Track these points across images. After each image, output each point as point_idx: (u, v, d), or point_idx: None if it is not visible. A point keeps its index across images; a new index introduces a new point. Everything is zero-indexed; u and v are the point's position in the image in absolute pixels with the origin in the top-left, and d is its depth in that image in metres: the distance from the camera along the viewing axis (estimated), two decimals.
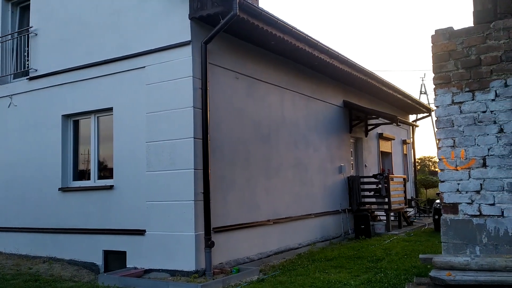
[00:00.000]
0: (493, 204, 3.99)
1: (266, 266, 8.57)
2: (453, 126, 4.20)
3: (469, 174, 4.10)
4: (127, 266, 8.08)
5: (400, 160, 18.24)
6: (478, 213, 4.03)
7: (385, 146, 16.55)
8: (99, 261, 8.52)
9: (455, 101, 4.21)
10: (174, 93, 7.87)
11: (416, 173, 20.11)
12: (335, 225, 12.16)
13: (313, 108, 11.70)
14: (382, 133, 15.97)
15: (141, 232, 8.03)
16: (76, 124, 9.53)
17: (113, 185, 8.55)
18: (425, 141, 65.86)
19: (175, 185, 7.72)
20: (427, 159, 46.16)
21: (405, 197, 14.51)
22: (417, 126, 17.04)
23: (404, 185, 14.67)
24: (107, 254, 8.53)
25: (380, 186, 13.03)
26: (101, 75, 8.86)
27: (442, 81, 4.28)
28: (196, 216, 7.53)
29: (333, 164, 12.45)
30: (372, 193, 13.31)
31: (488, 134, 4.04)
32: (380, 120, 14.67)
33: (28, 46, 10.20)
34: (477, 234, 4.04)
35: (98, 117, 9.15)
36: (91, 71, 8.99)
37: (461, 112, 4.17)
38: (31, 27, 10.06)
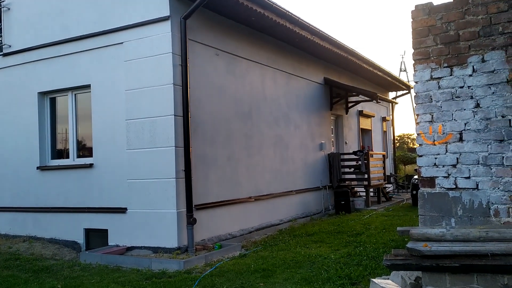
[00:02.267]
0: (468, 178, 4.09)
1: (248, 242, 8.67)
2: (431, 102, 4.25)
3: (446, 148, 4.18)
4: (109, 244, 8.07)
5: (380, 137, 18.48)
6: (454, 186, 4.13)
7: (365, 123, 16.71)
8: (80, 239, 8.49)
9: (433, 76, 4.25)
10: (153, 69, 7.76)
11: (395, 149, 20.43)
12: (315, 201, 12.33)
13: (294, 85, 11.69)
14: (362, 111, 16.11)
15: (122, 210, 8.01)
16: (53, 102, 9.34)
17: (92, 164, 8.46)
18: (404, 118, 66.72)
19: (156, 163, 7.68)
20: (406, 136, 46.85)
21: (384, 173, 14.76)
22: (396, 103, 17.25)
23: (383, 162, 14.90)
24: (88, 232, 8.50)
25: (360, 162, 13.20)
26: (78, 51, 8.66)
27: (421, 56, 4.31)
28: (178, 193, 7.53)
29: (313, 142, 12.54)
30: (352, 169, 13.49)
31: (465, 109, 4.11)
32: (360, 98, 14.77)
33: (0, 21, 9.87)
34: (452, 206, 4.15)
35: (75, 94, 8.98)
36: (67, 47, 8.78)
37: (439, 87, 4.22)
38: (3, 1, 9.73)
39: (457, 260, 3.76)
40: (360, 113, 16.10)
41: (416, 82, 4.36)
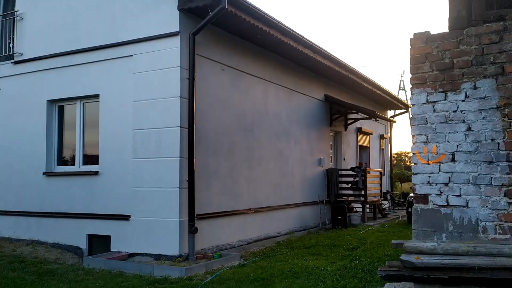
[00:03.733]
0: (459, 196, 4.36)
1: (247, 253, 8.89)
2: (427, 124, 4.54)
3: (439, 167, 4.46)
4: (111, 250, 8.28)
5: (377, 154, 18.78)
6: (446, 204, 4.40)
7: (363, 140, 17.02)
8: (83, 244, 8.70)
9: (429, 100, 4.55)
10: (161, 82, 8.06)
11: (392, 167, 20.72)
12: (313, 215, 12.57)
13: (295, 101, 12.01)
14: (361, 128, 16.43)
15: (125, 217, 8.23)
16: (61, 110, 9.62)
17: (98, 171, 8.71)
18: (402, 136, 67.10)
19: (161, 172, 7.94)
20: (403, 154, 47.18)
21: (380, 190, 15.02)
22: (394, 121, 17.58)
23: (380, 179, 15.18)
24: (91, 238, 8.71)
25: (357, 179, 13.48)
26: (88, 61, 8.97)
27: (418, 81, 4.62)
28: (181, 203, 7.77)
29: (313, 157, 12.82)
30: (349, 185, 13.76)
31: (457, 132, 4.39)
32: (360, 115, 15.10)
33: (13, 30, 10.19)
34: (444, 222, 4.41)
35: (84, 103, 9.26)
36: (78, 57, 9.09)
37: (434, 110, 4.52)
38: (17, 11, 10.05)
39: (447, 272, 4.02)
40: (359, 130, 16.42)
41: (413, 105, 4.65)
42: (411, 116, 4.65)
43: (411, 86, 4.69)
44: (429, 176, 4.51)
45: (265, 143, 10.48)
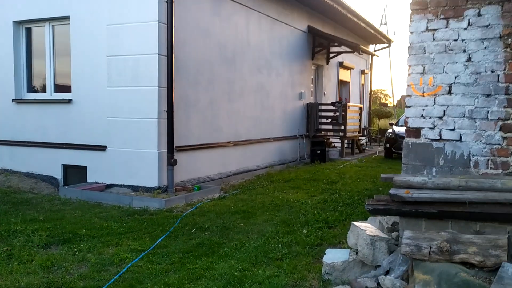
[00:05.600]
0: (453, 130, 4.23)
1: (226, 185, 8.82)
2: (425, 53, 4.29)
3: (434, 100, 4.28)
4: (88, 181, 8.06)
5: (358, 90, 18.64)
6: (439, 138, 4.27)
7: (344, 75, 16.77)
8: (58, 175, 8.43)
9: (429, 28, 4.27)
10: (138, 4, 7.47)
11: (371, 103, 20.70)
12: (292, 149, 12.52)
13: (278, 32, 11.52)
14: (342, 62, 16.11)
15: (102, 148, 7.95)
16: (29, 32, 8.93)
17: (71, 99, 8.27)
18: (379, 73, 67.12)
19: (138, 102, 7.57)
20: (380, 91, 47.42)
21: (360, 126, 15.02)
22: (377, 56, 17.30)
23: (360, 114, 15.13)
24: (67, 168, 8.44)
25: (337, 114, 13.36)
26: None
27: (419, 6, 4.30)
28: (159, 134, 7.50)
29: (294, 90, 12.55)
30: (329, 120, 13.65)
31: (456, 63, 4.17)
32: (342, 49, 14.71)
33: None
34: (435, 156, 4.31)
35: (53, 25, 8.59)
36: None
37: (434, 39, 4.26)
38: None
39: (435, 206, 3.96)
40: (341, 65, 16.10)
41: (411, 33, 4.37)
42: (408, 44, 4.37)
43: (410, 12, 4.37)
44: (423, 110, 4.34)
45: (246, 75, 10.12)
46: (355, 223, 4.45)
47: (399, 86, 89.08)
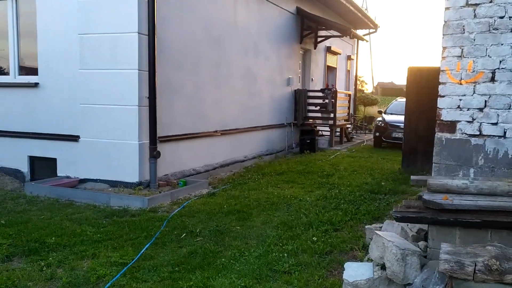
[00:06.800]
0: (496, 124, 3.60)
1: (214, 179, 8.08)
2: (464, 33, 3.62)
3: (474, 89, 3.63)
4: (58, 175, 7.18)
5: (344, 76, 18.02)
6: (478, 133, 3.64)
7: (331, 61, 16.10)
8: (24, 167, 7.52)
9: (469, 2, 3.60)
10: None
11: (356, 90, 20.14)
12: (280, 138, 11.83)
13: (266, 12, 10.70)
14: (330, 47, 15.40)
15: (74, 138, 7.07)
16: None
17: (38, 83, 7.33)
18: (360, 60, 66.78)
19: (116, 87, 6.71)
20: (358, 78, 47.06)
21: (348, 114, 14.43)
22: (366, 41, 16.63)
23: (349, 102, 14.52)
24: (34, 160, 7.53)
25: (327, 101, 12.70)
26: None
27: None
28: (140, 123, 6.68)
29: (282, 76, 11.81)
30: (318, 107, 12.99)
31: (502, 44, 3.53)
32: (330, 33, 13.99)
33: None
34: (473, 155, 3.68)
35: (16, 0, 7.58)
36: None
37: (475, 16, 3.59)
38: None
39: (478, 215, 3.34)
40: (328, 50, 15.40)
41: (447, 8, 3.69)
42: (443, 23, 3.68)
43: None
44: (460, 100, 3.68)
45: (233, 59, 9.30)
46: (378, 232, 3.78)
47: (376, 73, 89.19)
